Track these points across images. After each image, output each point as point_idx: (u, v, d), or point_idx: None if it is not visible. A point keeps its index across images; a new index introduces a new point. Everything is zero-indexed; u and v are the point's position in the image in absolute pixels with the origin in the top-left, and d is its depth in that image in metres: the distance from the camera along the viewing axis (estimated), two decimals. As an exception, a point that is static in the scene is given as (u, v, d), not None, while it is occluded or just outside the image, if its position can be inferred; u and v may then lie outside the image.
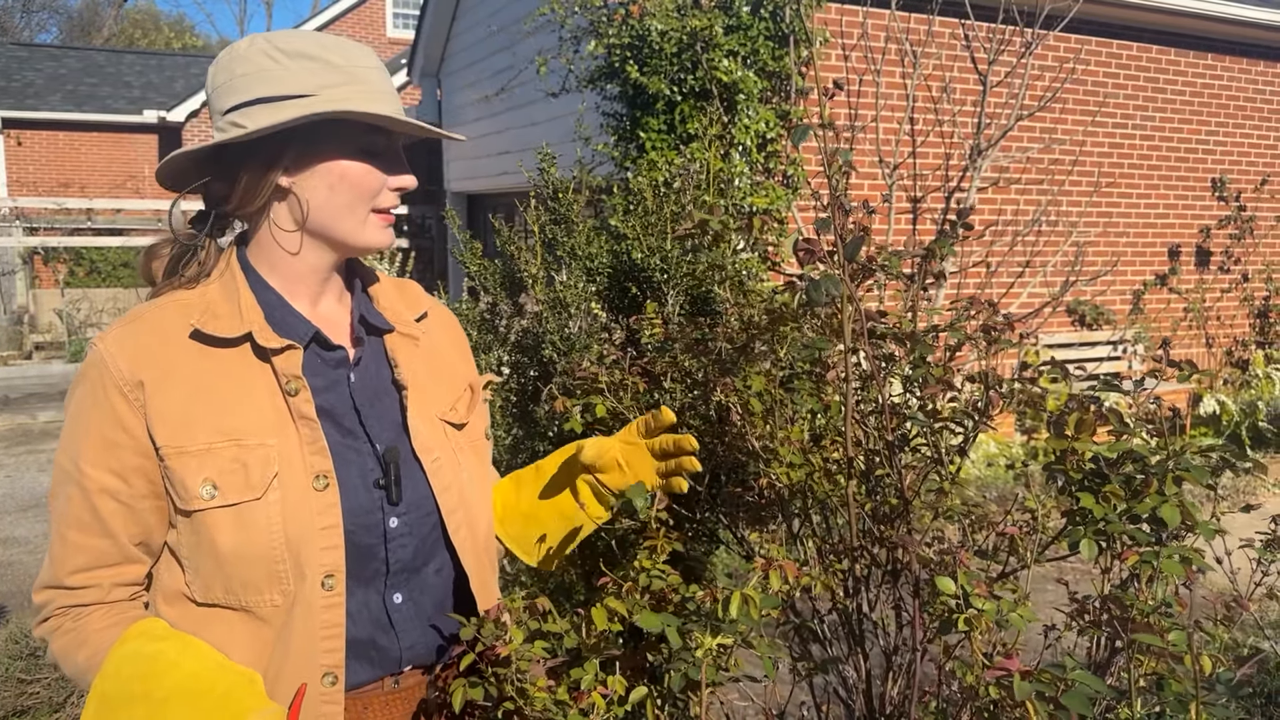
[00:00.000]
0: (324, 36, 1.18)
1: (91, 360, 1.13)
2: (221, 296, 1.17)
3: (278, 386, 1.15)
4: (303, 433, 1.14)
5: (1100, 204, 7.38)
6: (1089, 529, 1.00)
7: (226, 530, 1.09)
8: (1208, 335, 8.20)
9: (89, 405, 1.12)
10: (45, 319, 13.30)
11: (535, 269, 2.13)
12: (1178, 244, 7.94)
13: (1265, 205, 8.34)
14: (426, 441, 1.22)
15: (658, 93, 5.21)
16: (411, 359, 1.26)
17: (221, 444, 1.11)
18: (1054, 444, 1.04)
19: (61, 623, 1.13)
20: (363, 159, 1.16)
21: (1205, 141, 7.91)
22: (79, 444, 1.12)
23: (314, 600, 1.12)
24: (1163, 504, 0.99)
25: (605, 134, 5.68)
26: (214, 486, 1.09)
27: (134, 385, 1.10)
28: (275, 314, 1.18)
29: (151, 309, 1.16)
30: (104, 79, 19.16)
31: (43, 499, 6.31)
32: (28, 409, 9.03)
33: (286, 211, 1.18)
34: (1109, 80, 7.31)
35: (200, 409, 1.11)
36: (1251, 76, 8.02)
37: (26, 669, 3.44)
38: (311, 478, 1.12)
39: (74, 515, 1.12)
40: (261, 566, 1.10)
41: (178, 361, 1.12)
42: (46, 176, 17.64)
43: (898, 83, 6.36)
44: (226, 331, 1.14)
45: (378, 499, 1.17)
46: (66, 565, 1.12)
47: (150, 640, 1.07)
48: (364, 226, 1.19)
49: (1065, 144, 7.06)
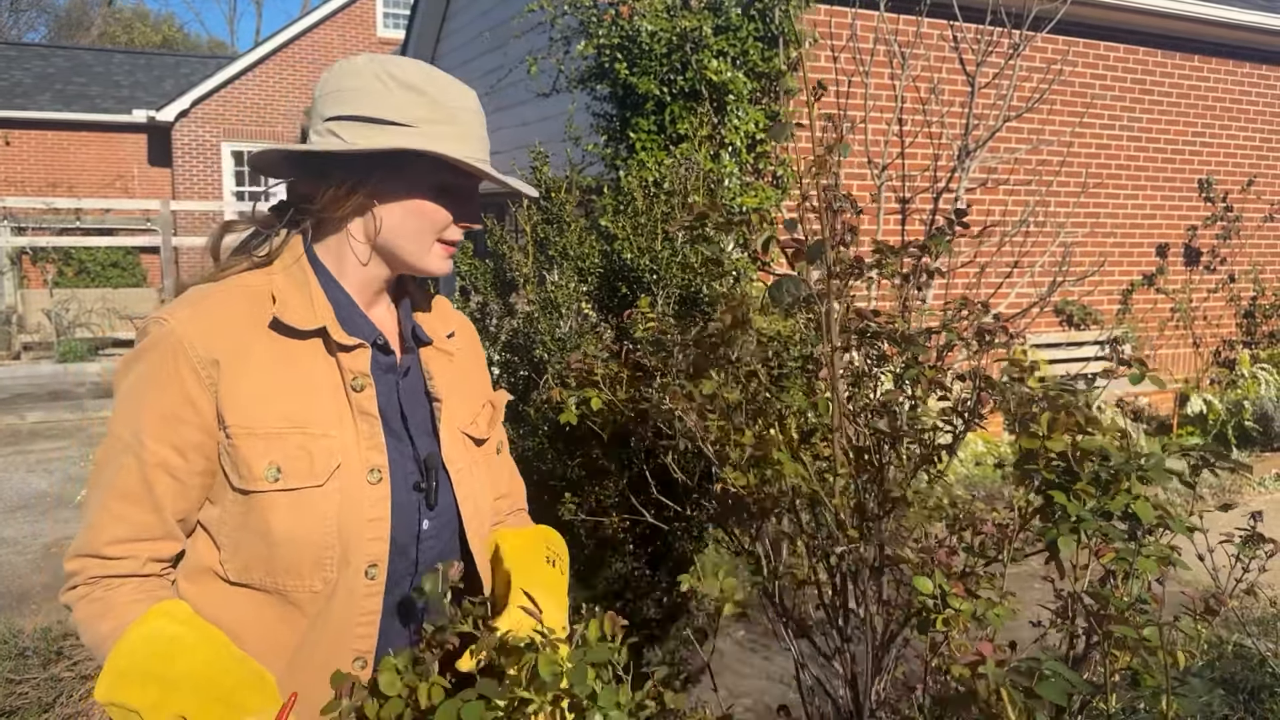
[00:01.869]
0: (435, 72, 1.23)
1: (158, 336, 1.14)
2: (290, 287, 1.21)
3: (341, 381, 1.20)
4: (361, 428, 1.19)
5: (1088, 205, 7.42)
6: (1063, 526, 1.01)
7: (283, 513, 1.14)
8: (1195, 335, 8.25)
9: (154, 380, 1.13)
10: (34, 319, 13.22)
11: (527, 269, 2.14)
12: (1165, 245, 7.99)
13: (1251, 206, 8.40)
14: (451, 452, 1.29)
15: (648, 93, 5.22)
16: (445, 372, 1.33)
17: (289, 430, 1.15)
18: (1025, 443, 1.06)
19: (90, 590, 1.14)
20: (440, 195, 1.22)
21: (1192, 143, 7.96)
22: (141, 417, 1.13)
23: (356, 587, 1.18)
24: (1135, 500, 1.00)
25: (595, 134, 5.69)
26: (278, 470, 1.13)
27: (208, 363, 1.13)
28: (343, 312, 1.23)
29: (218, 291, 1.19)
30: (93, 78, 19.06)
31: (31, 500, 6.27)
32: (16, 409, 8.98)
33: (362, 225, 1.23)
34: (1096, 82, 7.35)
35: (271, 393, 1.15)
36: (1238, 78, 8.07)
37: (15, 669, 3.43)
38: (366, 471, 1.19)
39: (124, 485, 1.14)
40: (310, 552, 1.15)
41: (251, 345, 1.16)
42: (35, 176, 17.55)
43: (886, 84, 6.38)
44: (303, 323, 1.18)
45: (416, 501, 1.24)
46: (105, 534, 1.14)
47: (172, 622, 1.09)
48: (427, 254, 1.24)
49: (1053, 145, 7.09)
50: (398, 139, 1.16)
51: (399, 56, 1.27)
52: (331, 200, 1.21)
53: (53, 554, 5.26)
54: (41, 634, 3.68)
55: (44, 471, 7.07)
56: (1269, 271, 8.67)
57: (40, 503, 6.26)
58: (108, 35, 33.03)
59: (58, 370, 10.99)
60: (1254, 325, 8.52)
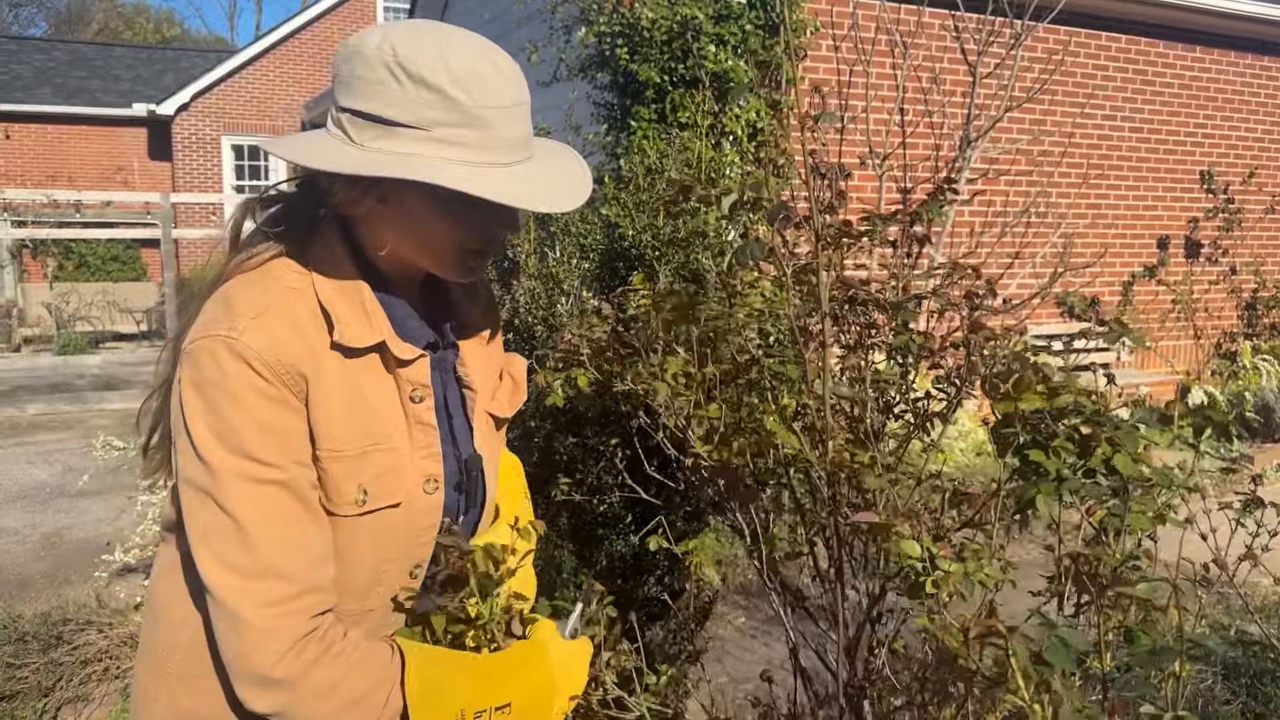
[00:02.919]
0: (455, 58, 1.04)
1: (231, 356, 1.00)
2: (335, 291, 1.09)
3: (398, 391, 1.12)
4: (417, 438, 1.13)
5: (1089, 196, 7.41)
6: (1044, 485, 1.00)
7: (364, 536, 1.08)
8: (1196, 327, 8.24)
9: (245, 403, 1.00)
10: (34, 312, 13.24)
11: (528, 245, 2.13)
12: (1166, 237, 7.97)
13: (1253, 198, 8.38)
14: (481, 440, 1.23)
15: (648, 81, 5.22)
16: (476, 358, 1.25)
17: (370, 449, 1.08)
18: (1000, 406, 1.05)
19: (330, 642, 1.01)
20: (459, 207, 1.06)
21: (1194, 134, 7.95)
22: (254, 444, 0.99)
23: (399, 584, 1.14)
24: (1115, 454, 0.99)
25: (596, 124, 5.68)
26: (365, 493, 1.07)
27: (297, 377, 1.03)
28: (396, 315, 1.14)
29: (271, 298, 1.06)
30: (93, 72, 19.06)
31: (30, 490, 6.28)
32: (16, 401, 8.99)
33: (381, 227, 1.11)
34: (1098, 72, 7.34)
35: (349, 411, 1.07)
36: (1240, 69, 8.05)
37: (15, 653, 3.43)
38: (423, 481, 1.13)
39: (283, 512, 1.01)
40: (373, 570, 1.10)
41: (322, 360, 1.06)
42: (35, 169, 17.56)
43: (887, 73, 6.36)
44: (359, 340, 1.08)
45: (458, 500, 1.19)
46: (297, 561, 1.00)
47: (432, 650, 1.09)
48: (449, 266, 1.13)
49: (1054, 136, 7.08)
50: (406, 144, 1.02)
51: (418, 28, 1.07)
52: (345, 198, 1.10)
53: (52, 544, 5.26)
54: (41, 619, 3.67)
55: (44, 462, 7.07)
56: (1270, 264, 8.65)
57: (40, 493, 6.26)
58: (110, 30, 33.03)
59: (58, 363, 11.00)
60: (1255, 317, 8.51)
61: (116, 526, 5.26)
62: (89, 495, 6.09)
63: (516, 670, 1.11)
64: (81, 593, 4.17)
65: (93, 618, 3.67)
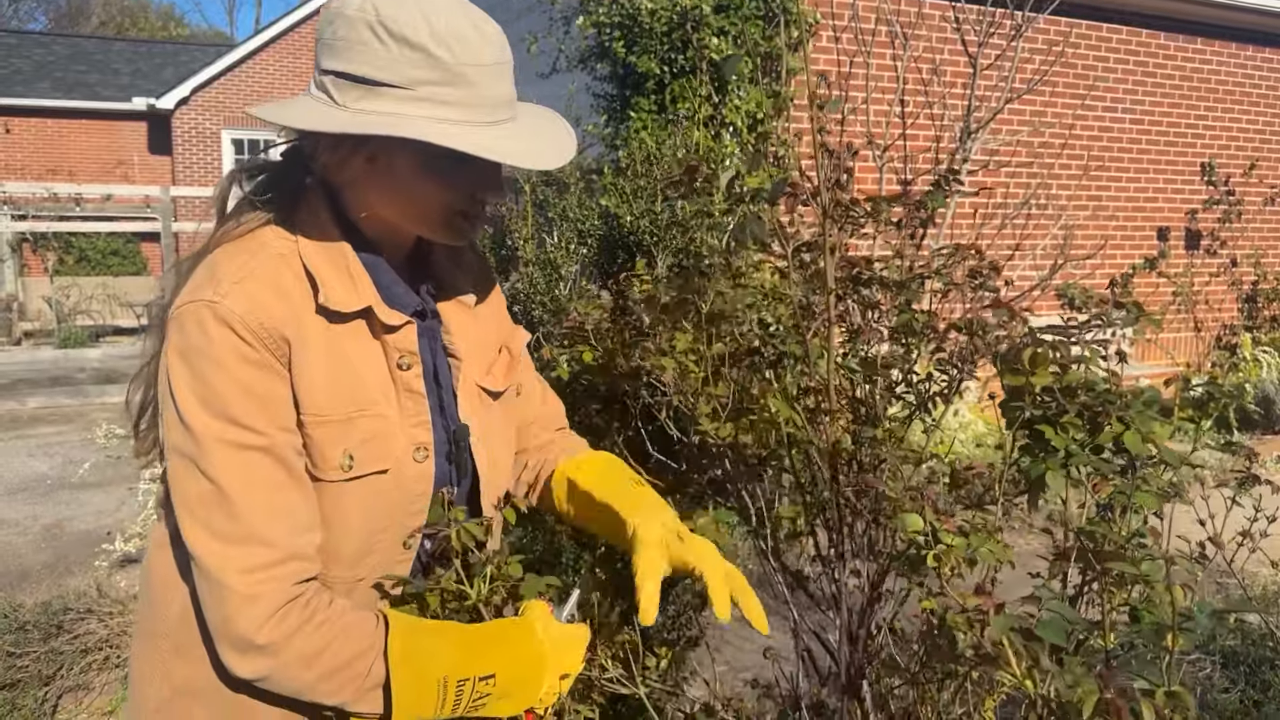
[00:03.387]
0: (436, 17, 1.03)
1: (220, 319, 1.00)
2: (322, 256, 1.09)
3: (385, 358, 1.12)
4: (406, 405, 1.13)
5: (1089, 188, 7.40)
6: (1052, 460, 1.00)
7: (351, 502, 1.07)
8: (1196, 320, 8.24)
9: (229, 368, 1.00)
10: (34, 306, 13.24)
11: (526, 230, 2.12)
12: (1166, 229, 7.97)
13: (1253, 190, 8.37)
14: (467, 413, 1.21)
15: (648, 72, 5.21)
16: (463, 324, 1.23)
17: (356, 415, 1.07)
18: (1010, 379, 1.05)
19: (314, 609, 1.01)
20: (446, 166, 1.07)
21: (1194, 126, 7.93)
22: (238, 409, 0.99)
23: (394, 555, 1.14)
24: (1125, 432, 0.99)
25: (596, 115, 5.67)
26: (351, 458, 1.06)
27: (279, 340, 1.02)
28: (382, 280, 1.13)
29: (258, 265, 1.06)
30: (93, 66, 19.05)
31: (31, 483, 6.29)
32: (16, 395, 8.99)
33: (368, 191, 1.11)
34: (1099, 64, 7.33)
35: (334, 376, 1.06)
36: (1240, 61, 8.04)
37: (16, 642, 3.43)
38: (413, 449, 1.12)
39: (266, 478, 1.01)
40: (365, 539, 1.09)
41: (308, 325, 1.06)
42: (35, 163, 17.55)
43: (888, 64, 6.35)
44: (344, 305, 1.08)
45: (449, 471, 1.19)
46: (281, 528, 1.01)
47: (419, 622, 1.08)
48: (439, 227, 1.12)
49: (1054, 127, 7.07)
50: (390, 104, 1.02)
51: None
52: (330, 161, 1.10)
53: (53, 535, 5.27)
54: (42, 608, 3.68)
55: (44, 455, 7.07)
56: (1271, 256, 8.65)
57: (40, 485, 6.27)
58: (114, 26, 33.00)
59: (58, 356, 11.00)
60: (1255, 310, 8.50)
61: (117, 518, 5.27)
62: (90, 487, 6.09)
63: (502, 642, 1.10)
64: (82, 582, 4.17)
65: (93, 607, 3.68)
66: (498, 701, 1.08)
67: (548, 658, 1.11)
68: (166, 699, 1.13)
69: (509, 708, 1.09)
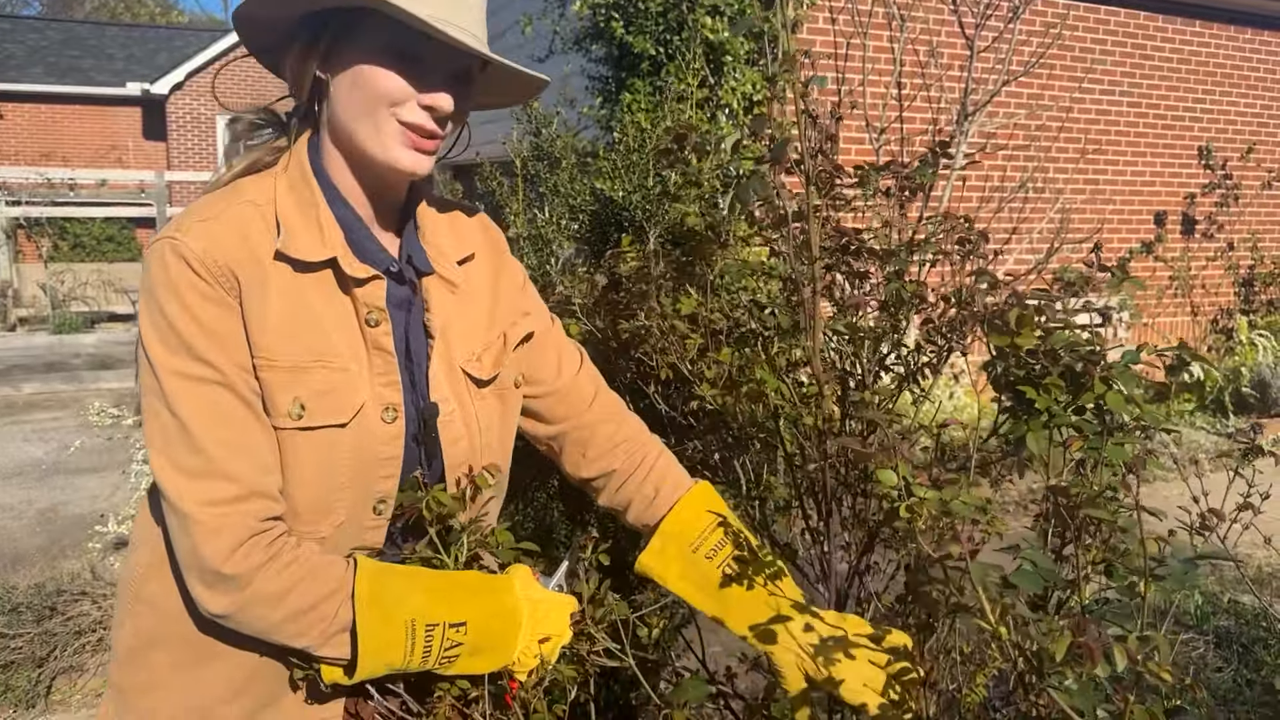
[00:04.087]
0: None
1: (177, 254, 1.00)
2: (294, 206, 1.08)
3: (355, 313, 1.10)
4: (375, 363, 1.10)
5: (1086, 171, 7.38)
6: (1034, 422, 0.99)
7: (303, 453, 1.05)
8: (1193, 304, 8.23)
9: (192, 300, 1.00)
10: (29, 292, 13.21)
11: (516, 205, 2.11)
12: (1163, 213, 7.95)
13: (1251, 174, 8.36)
14: (444, 392, 1.17)
15: (643, 53, 5.18)
16: (444, 305, 1.20)
17: (312, 364, 1.05)
18: (995, 340, 1.04)
19: (279, 549, 1.01)
20: (394, 61, 1.04)
21: (1192, 109, 7.91)
22: (195, 342, 1.00)
23: (363, 520, 1.11)
24: (1107, 392, 0.98)
25: (591, 97, 5.64)
26: (302, 406, 1.04)
27: (230, 278, 1.01)
28: (354, 235, 1.11)
29: (228, 208, 1.06)
30: (86, 51, 18.96)
31: (26, 467, 6.28)
32: (11, 381, 8.98)
33: (327, 111, 1.09)
34: (1096, 46, 7.29)
35: (291, 324, 1.05)
36: (1239, 44, 8.01)
37: (9, 624, 3.43)
38: (381, 409, 1.10)
39: (228, 415, 1.00)
40: (323, 494, 1.07)
41: (269, 270, 1.04)
42: (29, 149, 17.49)
43: (885, 47, 6.33)
44: (309, 255, 1.06)
45: (417, 452, 1.15)
46: (248, 465, 1.00)
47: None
48: (381, 136, 1.06)
49: (1052, 110, 7.05)
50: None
51: None
52: (292, 78, 1.09)
53: (48, 519, 5.27)
54: (35, 590, 3.68)
55: (40, 440, 7.07)
56: (1268, 240, 8.64)
57: (35, 470, 6.26)
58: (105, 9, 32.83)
59: (53, 342, 10.98)
60: (1252, 294, 8.50)
61: (112, 502, 5.26)
62: (85, 472, 6.09)
63: (475, 592, 1.08)
64: (76, 565, 4.17)
65: (87, 589, 3.68)
66: (471, 657, 1.06)
67: (523, 614, 1.09)
68: (132, 646, 1.13)
69: (482, 664, 1.07)
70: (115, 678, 1.16)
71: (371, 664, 1.01)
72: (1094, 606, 0.85)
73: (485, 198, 2.39)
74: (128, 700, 1.14)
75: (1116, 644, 0.67)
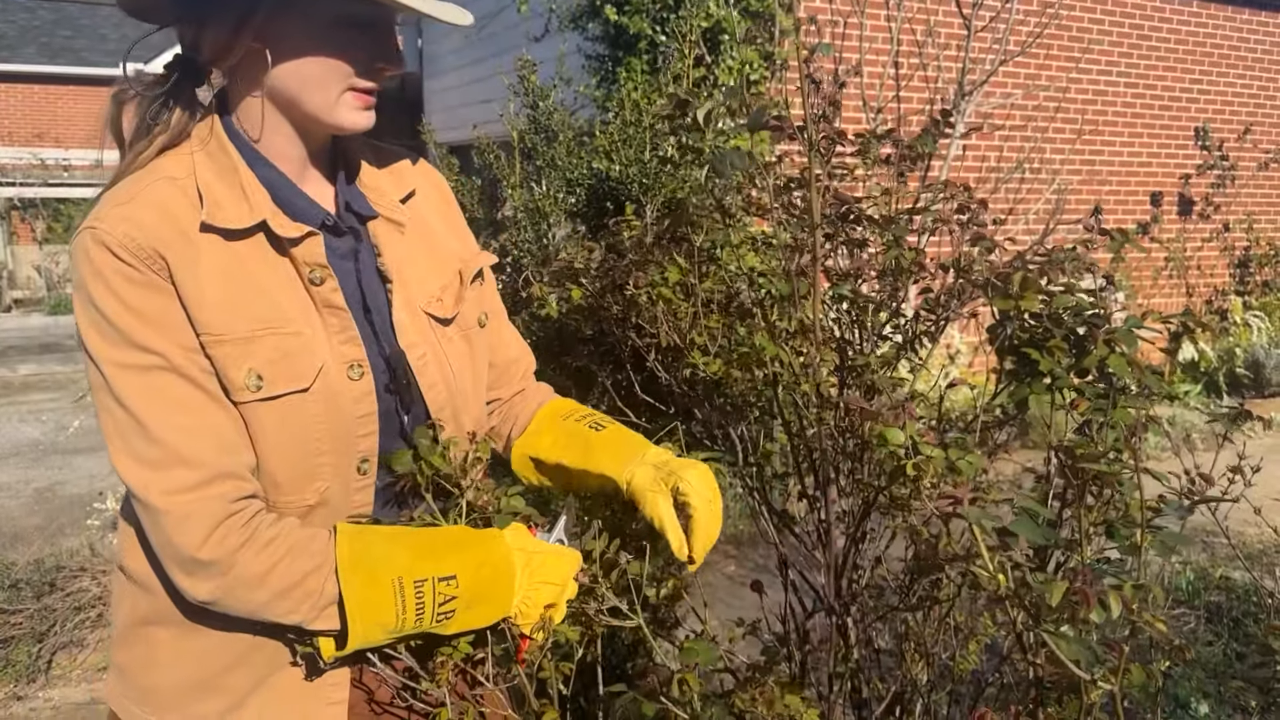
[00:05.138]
0: None
1: (99, 243, 0.97)
2: (214, 174, 1.04)
3: (298, 275, 1.07)
4: (330, 322, 1.07)
5: (1083, 151, 7.37)
6: (1037, 384, 1.00)
7: (270, 424, 1.02)
8: (1188, 285, 8.25)
9: (117, 292, 0.97)
10: (24, 274, 13.18)
11: (514, 178, 2.11)
12: (1160, 193, 7.95)
13: (1247, 155, 8.36)
14: (411, 337, 1.15)
15: (639, 32, 5.16)
16: (395, 247, 1.17)
17: (262, 333, 1.02)
18: (999, 304, 1.05)
19: (256, 529, 0.99)
20: (342, 29, 1.03)
21: (1189, 90, 7.90)
22: (132, 331, 0.97)
23: (349, 483, 1.09)
24: (1110, 355, 0.99)
25: (588, 76, 5.63)
26: (259, 377, 1.01)
27: (157, 259, 0.98)
28: (281, 195, 1.08)
29: (142, 187, 1.02)
30: (79, 31, 18.82)
31: (24, 448, 6.28)
32: (7, 362, 8.97)
33: (259, 79, 1.05)
34: (1094, 26, 7.28)
35: (232, 297, 1.01)
36: (1237, 24, 7.99)
37: (9, 600, 3.45)
38: (346, 367, 1.07)
39: (179, 399, 0.98)
40: (300, 462, 1.04)
41: (198, 246, 1.01)
42: (22, 129, 17.39)
43: (882, 25, 6.31)
44: (236, 222, 1.03)
45: (392, 402, 1.12)
46: (203, 446, 0.97)
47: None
48: (335, 106, 1.05)
49: (1049, 90, 7.03)
50: None
51: None
52: (214, 48, 1.05)
53: (45, 498, 5.27)
54: (35, 566, 3.69)
55: (36, 421, 7.07)
56: (1263, 220, 8.65)
57: (33, 450, 6.27)
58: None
59: (48, 323, 10.96)
60: (1247, 275, 8.51)
61: (110, 481, 5.27)
62: (82, 452, 6.09)
63: (462, 545, 1.06)
64: (75, 542, 4.18)
65: (86, 565, 3.69)
66: (467, 610, 1.04)
67: (515, 563, 1.07)
68: (129, 624, 1.12)
69: (480, 617, 1.06)
70: (116, 657, 1.15)
71: (364, 629, 0.99)
72: (1095, 565, 0.86)
73: (482, 172, 2.40)
74: (130, 679, 1.13)
75: (1111, 591, 0.69)
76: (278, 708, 1.10)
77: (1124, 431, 0.95)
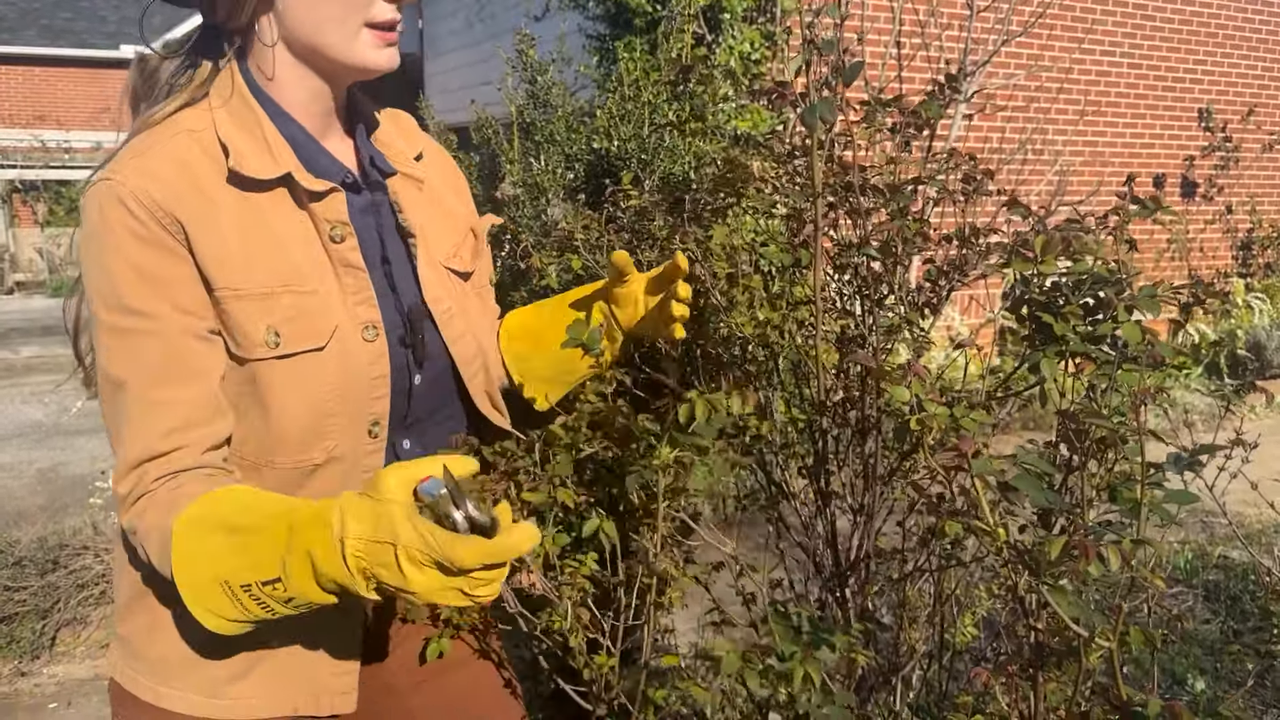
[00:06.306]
0: None
1: (112, 196, 0.96)
2: (236, 127, 1.03)
3: (317, 233, 1.06)
4: (346, 282, 1.06)
5: (1086, 132, 7.35)
6: (1049, 349, 1.00)
7: (282, 382, 1.01)
8: (1190, 267, 8.23)
9: (129, 244, 0.96)
10: (25, 256, 13.17)
11: (512, 153, 2.10)
12: (1163, 175, 7.93)
13: (1251, 136, 8.33)
14: (436, 291, 1.15)
15: (639, 9, 5.14)
16: (415, 203, 1.17)
17: (280, 289, 1.01)
18: (1019, 266, 1.05)
19: (154, 497, 0.96)
20: None
21: (1193, 71, 7.86)
22: (134, 289, 0.96)
23: (360, 446, 1.08)
24: (1124, 323, 1.00)
25: (588, 55, 5.60)
26: (276, 334, 1.00)
27: (171, 218, 0.97)
28: (304, 151, 1.07)
29: (162, 140, 1.01)
30: (79, 13, 18.75)
31: (26, 429, 6.29)
32: (9, 344, 8.98)
33: (273, 27, 1.04)
34: (1097, 6, 7.24)
35: (252, 251, 1.00)
36: (1241, 5, 7.95)
37: (13, 577, 3.46)
38: (361, 328, 1.06)
39: (153, 367, 0.97)
40: (312, 421, 1.03)
41: (217, 199, 1.00)
42: (22, 111, 17.36)
43: (883, 4, 6.28)
44: (264, 172, 1.02)
45: (405, 356, 1.11)
46: (157, 428, 0.96)
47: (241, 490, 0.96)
48: (354, 42, 1.03)
49: (1052, 71, 7.00)
50: None
51: None
52: (230, 11, 1.03)
53: (48, 479, 5.29)
54: (38, 543, 3.70)
55: (38, 403, 7.08)
56: (1267, 203, 8.62)
57: (35, 431, 6.28)
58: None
59: (50, 305, 10.96)
60: (1250, 257, 8.50)
61: (113, 461, 5.28)
62: (85, 433, 6.10)
63: (273, 536, 0.89)
64: (78, 521, 4.19)
65: (89, 543, 3.71)
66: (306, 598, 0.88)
67: (309, 530, 0.87)
68: (131, 595, 1.12)
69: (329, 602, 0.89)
70: (120, 629, 1.14)
71: (216, 623, 0.92)
72: (1096, 528, 0.87)
73: (481, 149, 2.39)
74: (134, 649, 1.12)
75: (1110, 545, 0.69)
76: (283, 676, 1.10)
77: (1129, 396, 0.96)
